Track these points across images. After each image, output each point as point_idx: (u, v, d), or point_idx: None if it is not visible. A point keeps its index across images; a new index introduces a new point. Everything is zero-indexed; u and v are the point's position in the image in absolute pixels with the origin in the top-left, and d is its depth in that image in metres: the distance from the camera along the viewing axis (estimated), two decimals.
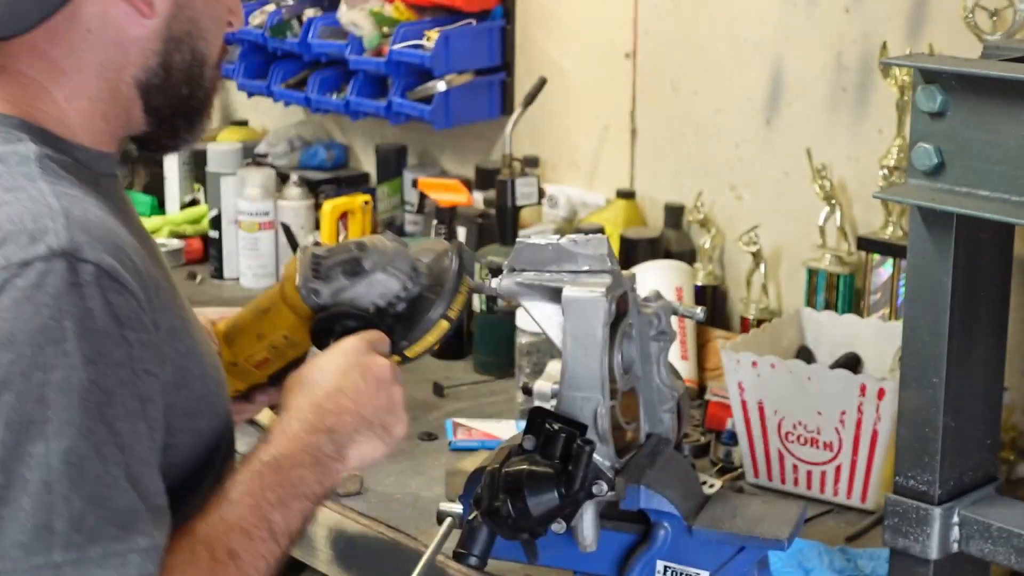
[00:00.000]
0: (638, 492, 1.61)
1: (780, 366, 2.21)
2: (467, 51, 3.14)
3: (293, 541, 1.44)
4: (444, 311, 1.58)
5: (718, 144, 2.85)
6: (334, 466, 1.47)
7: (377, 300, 1.57)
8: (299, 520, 1.44)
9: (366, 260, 1.57)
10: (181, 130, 1.55)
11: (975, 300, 1.69)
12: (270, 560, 1.41)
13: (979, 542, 1.69)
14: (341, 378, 1.51)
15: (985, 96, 1.57)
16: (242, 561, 1.38)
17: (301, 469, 1.45)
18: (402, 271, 1.58)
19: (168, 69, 1.48)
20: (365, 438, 1.49)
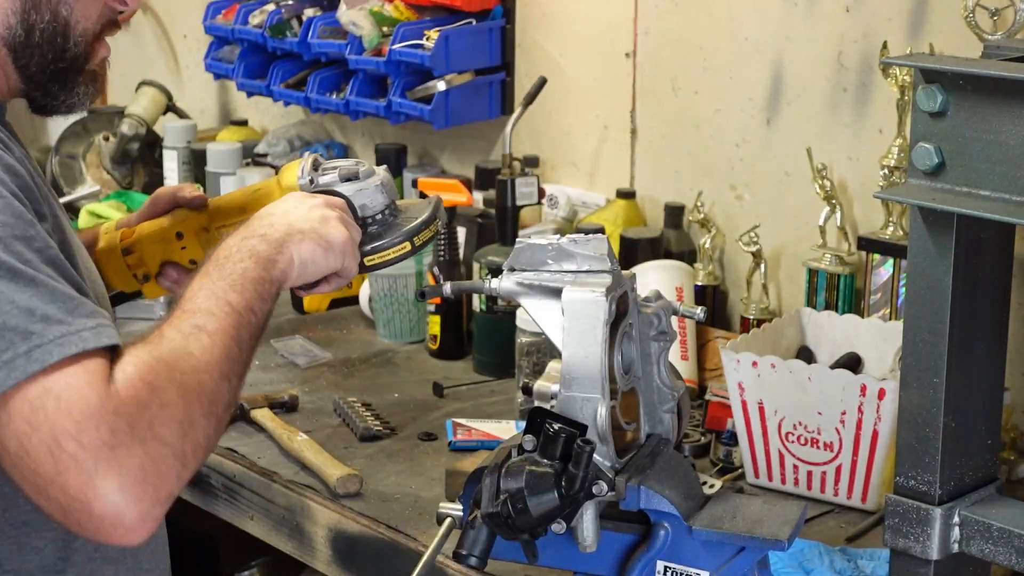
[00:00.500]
0: (638, 492, 1.61)
1: (780, 366, 2.21)
2: (467, 51, 3.14)
3: (259, 318, 1.53)
4: (410, 236, 1.73)
5: (718, 144, 2.85)
6: (273, 258, 1.58)
7: (359, 207, 1.73)
8: (256, 299, 1.53)
9: (363, 173, 1.74)
10: (57, 93, 1.65)
11: (975, 300, 1.69)
12: (241, 330, 1.49)
13: (980, 542, 1.69)
14: (271, 208, 1.66)
15: (986, 96, 1.57)
16: (209, 331, 1.46)
17: (242, 263, 1.55)
18: (388, 196, 1.75)
19: (28, 30, 1.58)
20: (297, 241, 1.60)
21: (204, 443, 1.41)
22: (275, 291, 1.57)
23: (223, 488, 2.43)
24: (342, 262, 1.65)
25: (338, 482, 2.28)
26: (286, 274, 1.59)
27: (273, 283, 1.57)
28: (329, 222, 1.64)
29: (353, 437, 2.51)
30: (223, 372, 1.45)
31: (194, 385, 1.41)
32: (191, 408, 1.39)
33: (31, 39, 1.59)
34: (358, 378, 2.80)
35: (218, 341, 1.46)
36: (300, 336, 2.98)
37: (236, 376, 1.48)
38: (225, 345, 1.46)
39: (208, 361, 1.44)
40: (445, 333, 2.87)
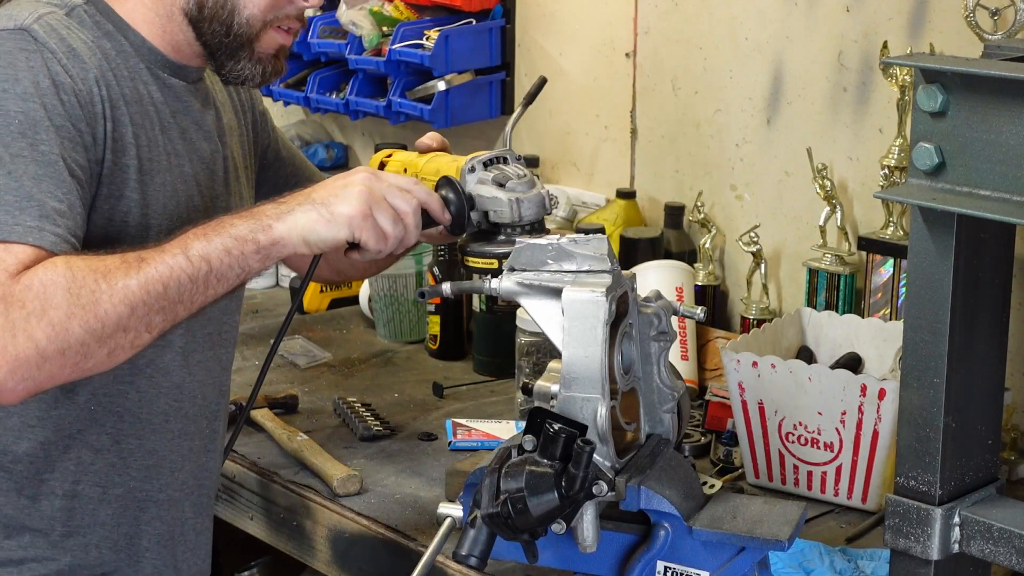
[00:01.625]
0: (638, 492, 1.61)
1: (780, 366, 2.21)
2: (467, 51, 3.14)
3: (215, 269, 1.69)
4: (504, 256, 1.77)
5: (718, 144, 2.85)
6: (268, 221, 1.72)
7: (490, 210, 1.82)
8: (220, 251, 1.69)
9: (511, 184, 1.83)
10: (224, 63, 1.90)
11: (976, 300, 1.69)
12: (177, 271, 1.67)
13: (980, 543, 1.69)
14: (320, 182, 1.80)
15: (986, 96, 1.57)
16: (146, 262, 1.66)
17: (237, 219, 1.73)
18: (522, 215, 1.81)
19: (200, 6, 1.86)
20: (304, 210, 1.73)
21: (77, 348, 1.62)
22: (255, 250, 1.71)
23: (223, 488, 2.43)
24: (349, 233, 1.72)
25: (338, 482, 2.28)
26: (280, 238, 1.72)
27: (255, 242, 1.71)
28: (346, 194, 1.73)
29: (353, 437, 2.50)
30: (129, 300, 1.64)
31: (87, 301, 1.62)
32: (71, 319, 1.61)
33: (203, 13, 1.86)
34: (358, 378, 2.80)
35: (145, 274, 1.65)
36: (300, 336, 2.98)
37: (148, 308, 1.65)
38: (148, 279, 1.65)
39: (117, 287, 1.64)
40: (445, 333, 2.88)
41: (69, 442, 1.87)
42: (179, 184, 1.89)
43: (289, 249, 1.73)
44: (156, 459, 1.94)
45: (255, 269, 1.73)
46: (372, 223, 1.73)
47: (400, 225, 1.75)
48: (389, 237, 1.75)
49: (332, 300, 3.16)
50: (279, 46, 1.92)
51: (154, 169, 1.85)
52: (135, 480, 1.93)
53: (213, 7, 1.86)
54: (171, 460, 1.96)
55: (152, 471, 1.94)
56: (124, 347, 1.66)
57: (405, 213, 1.76)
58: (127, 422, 1.90)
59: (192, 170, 1.92)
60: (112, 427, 1.89)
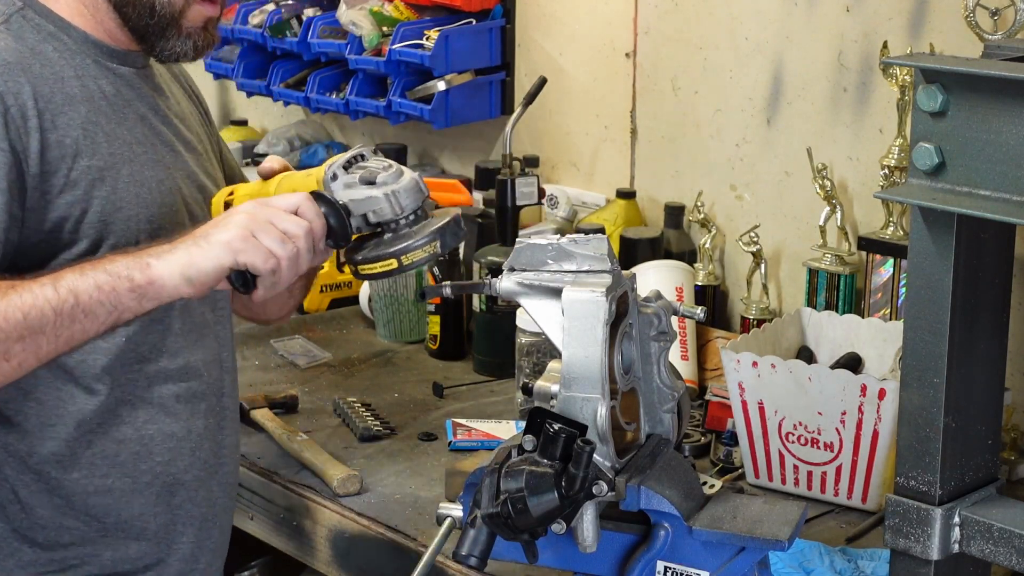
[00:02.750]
0: (638, 492, 1.61)
1: (780, 366, 2.21)
2: (467, 51, 3.14)
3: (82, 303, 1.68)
4: (401, 253, 1.73)
5: (718, 144, 2.85)
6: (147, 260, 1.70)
7: (368, 212, 1.74)
8: (90, 287, 1.68)
9: (380, 178, 1.75)
10: (155, 42, 1.90)
11: (976, 300, 1.69)
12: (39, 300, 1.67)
13: (980, 543, 1.69)
14: None
15: (986, 96, 1.57)
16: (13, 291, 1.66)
17: (121, 256, 1.72)
18: (402, 206, 1.75)
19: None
20: (184, 248, 1.71)
21: None
22: (130, 288, 1.69)
23: None
24: (232, 259, 1.70)
25: (338, 482, 2.28)
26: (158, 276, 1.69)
27: (129, 281, 1.69)
28: (224, 223, 1.72)
29: (353, 437, 2.50)
30: None
31: None
32: None
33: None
34: (358, 378, 2.80)
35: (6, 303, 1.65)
36: (300, 336, 2.98)
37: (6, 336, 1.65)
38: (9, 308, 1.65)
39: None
40: (445, 333, 2.87)
41: (91, 437, 1.88)
42: (147, 171, 1.88)
43: (169, 289, 1.70)
44: (176, 442, 1.95)
45: (130, 308, 1.71)
46: (255, 244, 1.69)
47: (290, 245, 1.70)
48: (280, 258, 1.70)
49: (332, 300, 3.17)
50: (206, 18, 1.91)
51: (118, 163, 1.85)
52: (161, 466, 1.94)
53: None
54: (191, 440, 1.97)
55: (175, 454, 1.95)
56: None
57: (295, 235, 1.71)
58: (142, 409, 1.91)
59: (157, 155, 1.91)
60: (129, 416, 1.90)
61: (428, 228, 1.74)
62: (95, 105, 1.85)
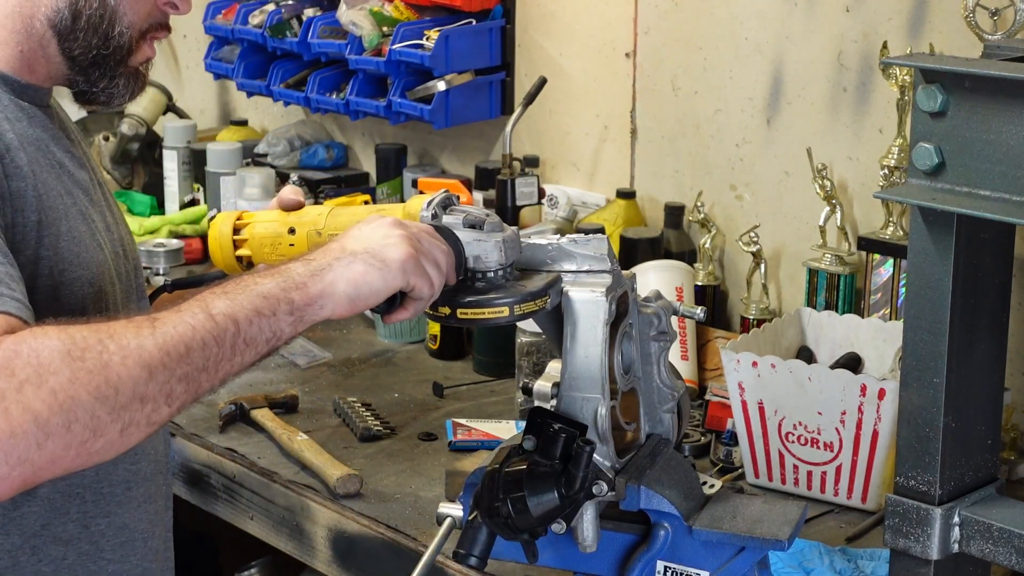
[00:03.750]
0: (638, 492, 1.61)
1: (780, 366, 2.21)
2: (467, 51, 3.14)
3: (242, 331, 1.43)
4: (513, 302, 1.61)
5: (718, 144, 2.85)
6: (302, 280, 1.48)
7: (472, 259, 1.63)
8: (249, 311, 1.44)
9: (487, 226, 1.63)
10: (98, 80, 1.69)
11: (975, 300, 1.69)
12: (200, 331, 1.40)
13: (980, 542, 1.69)
14: (349, 230, 1.57)
15: (986, 96, 1.57)
16: (161, 321, 1.40)
17: (262, 278, 1.48)
18: (506, 256, 1.64)
19: (75, 14, 1.65)
20: (346, 264, 1.50)
21: (86, 422, 1.32)
22: (289, 311, 1.47)
23: (223, 488, 2.43)
24: (404, 281, 1.52)
25: (338, 482, 2.28)
26: (318, 295, 1.48)
27: (290, 303, 1.47)
28: (389, 240, 1.52)
29: (353, 437, 2.51)
30: (144, 361, 1.36)
31: (94, 363, 1.34)
32: (75, 383, 1.32)
33: (77, 23, 1.65)
34: (358, 378, 2.80)
35: (162, 334, 1.38)
36: (300, 336, 2.97)
37: (169, 373, 1.38)
38: (168, 340, 1.38)
39: (131, 347, 1.36)
40: (445, 333, 2.87)
41: (36, 542, 1.66)
42: (80, 226, 1.66)
43: (328, 309, 1.49)
44: (128, 534, 1.75)
45: (287, 335, 1.48)
46: (422, 268, 1.53)
47: (439, 271, 1.56)
48: (435, 284, 1.55)
49: None
50: (146, 59, 1.72)
51: (56, 219, 1.62)
52: (112, 563, 1.74)
53: (91, 17, 1.65)
54: (142, 530, 1.77)
55: (127, 547, 1.75)
56: (140, 423, 1.37)
57: (444, 263, 1.57)
58: (90, 502, 1.69)
59: (80, 205, 1.68)
60: (77, 512, 1.68)
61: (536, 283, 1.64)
62: (27, 151, 1.61)
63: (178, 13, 1.73)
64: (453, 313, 1.61)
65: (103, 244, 1.70)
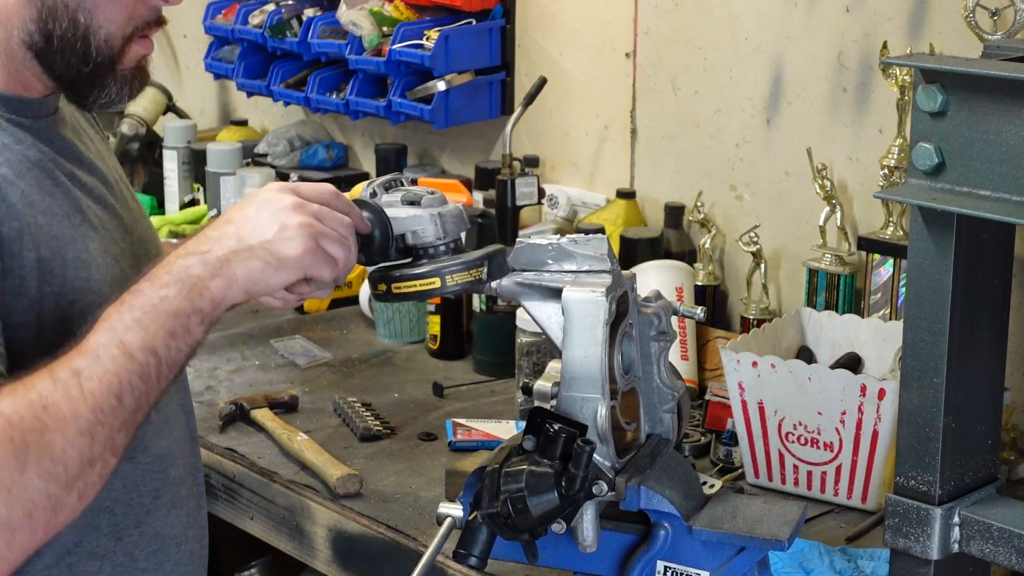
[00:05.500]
0: (638, 492, 1.61)
1: (780, 366, 2.21)
2: (467, 51, 3.14)
3: (164, 360, 1.45)
4: (445, 273, 1.63)
5: (718, 144, 2.85)
6: (204, 283, 1.48)
7: (408, 232, 1.64)
8: (164, 336, 1.45)
9: (424, 200, 1.64)
10: (87, 93, 1.64)
11: (976, 300, 1.69)
12: (124, 374, 1.42)
13: (980, 542, 1.69)
14: (237, 210, 1.54)
15: (986, 96, 1.57)
16: (86, 377, 1.40)
17: (164, 290, 1.47)
18: (444, 230, 1.65)
19: (47, 36, 1.58)
20: (243, 259, 1.50)
21: (44, 504, 1.35)
22: (200, 320, 1.48)
23: (223, 488, 2.43)
24: (301, 274, 1.52)
25: (338, 482, 2.28)
26: (222, 298, 1.49)
27: (198, 313, 1.48)
28: (286, 233, 1.51)
29: (353, 437, 2.50)
30: (82, 428, 1.38)
31: (36, 445, 1.35)
32: (24, 472, 1.34)
33: (51, 46, 1.59)
34: (358, 378, 2.80)
35: (90, 392, 1.39)
36: (300, 336, 2.98)
37: (109, 428, 1.40)
38: (98, 397, 1.39)
39: (66, 416, 1.37)
40: (445, 333, 2.87)
41: (71, 559, 1.64)
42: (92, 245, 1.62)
43: (228, 304, 1.51)
44: (161, 541, 1.73)
45: (200, 341, 1.50)
46: (323, 255, 1.53)
47: (344, 245, 1.55)
48: (340, 263, 1.55)
49: (332, 300, 3.16)
50: (140, 57, 1.66)
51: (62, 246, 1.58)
52: (147, 572, 1.72)
53: (63, 37, 1.58)
54: (175, 535, 1.76)
55: (161, 555, 1.73)
56: (94, 483, 1.40)
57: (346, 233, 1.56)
58: (120, 514, 1.68)
59: (93, 218, 1.65)
60: (108, 526, 1.67)
61: (475, 253, 1.66)
62: (26, 180, 1.56)
63: (170, 4, 1.65)
64: (389, 289, 1.64)
65: (120, 255, 1.66)
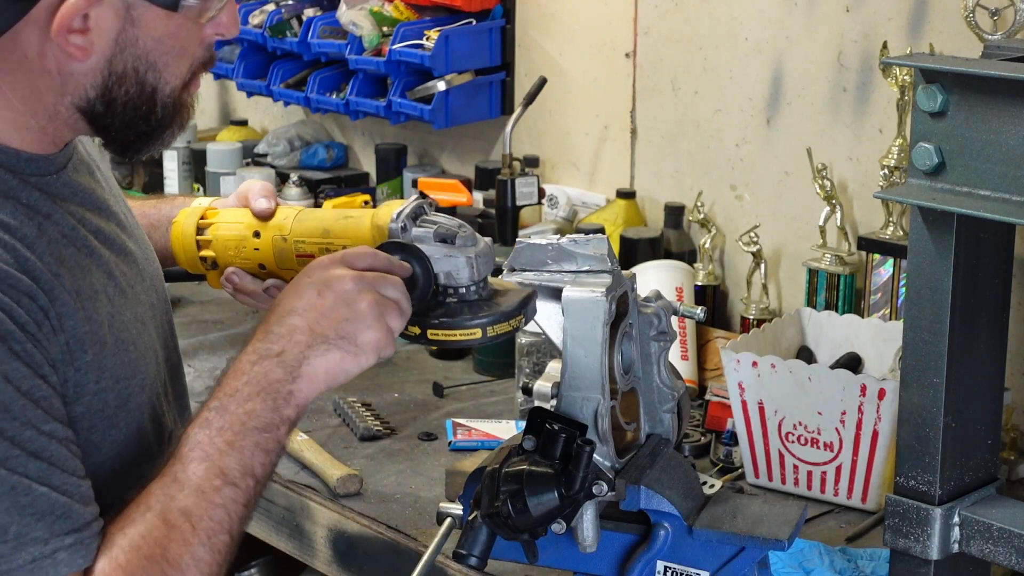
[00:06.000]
0: (638, 492, 1.61)
1: (780, 366, 2.21)
2: (467, 51, 3.14)
3: (260, 478, 1.43)
4: (486, 323, 1.56)
5: (718, 144, 2.85)
6: (287, 388, 1.44)
7: (442, 275, 1.58)
8: (260, 455, 1.42)
9: (459, 239, 1.57)
10: (135, 146, 1.55)
11: (975, 300, 1.69)
12: (232, 507, 1.40)
13: (980, 542, 1.69)
14: (295, 298, 1.48)
15: (986, 96, 1.57)
16: (198, 518, 1.38)
17: (249, 403, 1.43)
18: (478, 272, 1.58)
19: (109, 102, 1.48)
20: (322, 353, 1.46)
21: None
22: (288, 429, 1.45)
23: None
24: (377, 357, 1.51)
25: (338, 482, 2.28)
26: (305, 400, 1.47)
27: (286, 422, 1.45)
28: (359, 318, 1.47)
29: (353, 437, 2.50)
30: (206, 572, 1.39)
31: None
32: None
33: (112, 110, 1.49)
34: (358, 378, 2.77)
35: (206, 535, 1.39)
36: None
37: (223, 556, 1.40)
38: (216, 540, 1.39)
39: (189, 566, 1.37)
40: None
41: None
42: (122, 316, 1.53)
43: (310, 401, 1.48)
44: None
45: (286, 447, 1.48)
46: (391, 336, 1.50)
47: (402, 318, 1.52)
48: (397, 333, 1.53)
49: None
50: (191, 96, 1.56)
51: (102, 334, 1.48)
52: None
53: (128, 101, 1.48)
54: None
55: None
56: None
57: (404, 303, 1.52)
58: None
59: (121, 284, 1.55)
60: None
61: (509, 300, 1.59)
62: (67, 267, 1.45)
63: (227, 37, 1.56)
64: (424, 333, 1.58)
65: (144, 315, 1.59)
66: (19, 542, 1.33)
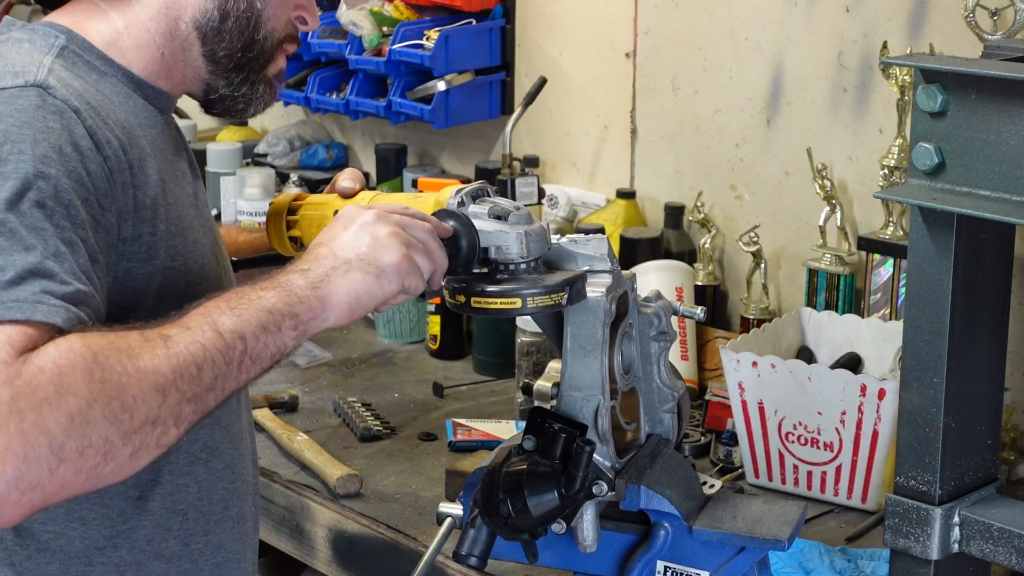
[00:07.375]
0: (638, 492, 1.61)
1: (780, 366, 2.21)
2: (467, 51, 3.14)
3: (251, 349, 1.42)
4: (528, 295, 1.58)
5: (718, 144, 2.85)
6: (304, 293, 1.46)
7: (492, 247, 1.61)
8: (256, 327, 1.42)
9: (513, 216, 1.62)
10: (239, 85, 1.70)
11: (975, 300, 1.69)
12: (211, 350, 1.39)
13: (980, 542, 1.69)
14: (323, 235, 1.54)
15: (986, 96, 1.57)
16: (173, 342, 1.38)
17: (264, 291, 1.46)
18: (528, 249, 1.61)
19: (224, 15, 1.64)
20: (343, 272, 1.48)
21: (98, 447, 1.31)
22: (294, 326, 1.45)
23: None
24: (400, 284, 1.50)
25: (338, 482, 2.28)
26: (321, 309, 1.47)
27: (293, 317, 1.45)
28: (379, 243, 1.50)
29: (353, 437, 2.51)
30: (157, 384, 1.35)
31: (112, 386, 1.32)
32: (92, 406, 1.30)
33: (225, 24, 1.64)
34: (358, 378, 2.80)
35: (174, 354, 1.37)
36: None
37: (181, 395, 1.37)
38: (180, 361, 1.37)
39: (146, 369, 1.34)
40: (445, 333, 2.88)
41: (141, 557, 1.63)
42: (202, 238, 1.66)
43: (331, 320, 1.48)
44: (224, 554, 1.71)
45: (290, 349, 1.47)
46: (416, 266, 1.51)
47: (431, 260, 1.53)
48: (426, 275, 1.53)
49: None
50: (279, 70, 1.74)
51: (183, 229, 1.61)
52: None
53: (239, 17, 1.65)
54: (236, 550, 1.74)
55: (222, 568, 1.72)
56: (150, 446, 1.36)
57: (432, 244, 1.54)
58: (192, 519, 1.67)
59: (201, 216, 1.68)
60: (179, 529, 1.66)
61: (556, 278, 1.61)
62: (157, 159, 1.59)
63: (306, 29, 1.74)
64: (468, 301, 1.59)
65: (219, 256, 1.70)
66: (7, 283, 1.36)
